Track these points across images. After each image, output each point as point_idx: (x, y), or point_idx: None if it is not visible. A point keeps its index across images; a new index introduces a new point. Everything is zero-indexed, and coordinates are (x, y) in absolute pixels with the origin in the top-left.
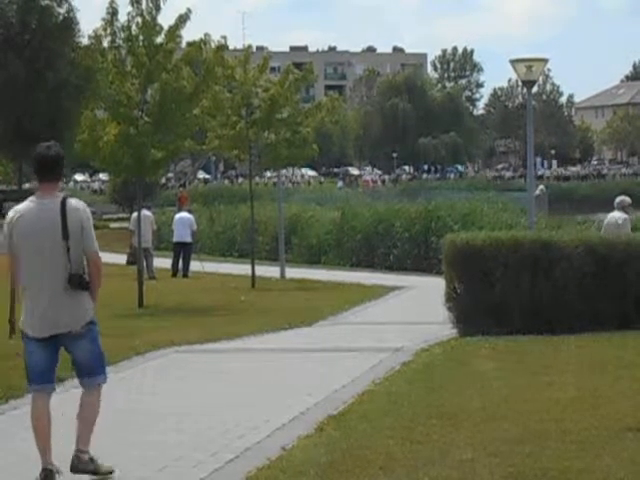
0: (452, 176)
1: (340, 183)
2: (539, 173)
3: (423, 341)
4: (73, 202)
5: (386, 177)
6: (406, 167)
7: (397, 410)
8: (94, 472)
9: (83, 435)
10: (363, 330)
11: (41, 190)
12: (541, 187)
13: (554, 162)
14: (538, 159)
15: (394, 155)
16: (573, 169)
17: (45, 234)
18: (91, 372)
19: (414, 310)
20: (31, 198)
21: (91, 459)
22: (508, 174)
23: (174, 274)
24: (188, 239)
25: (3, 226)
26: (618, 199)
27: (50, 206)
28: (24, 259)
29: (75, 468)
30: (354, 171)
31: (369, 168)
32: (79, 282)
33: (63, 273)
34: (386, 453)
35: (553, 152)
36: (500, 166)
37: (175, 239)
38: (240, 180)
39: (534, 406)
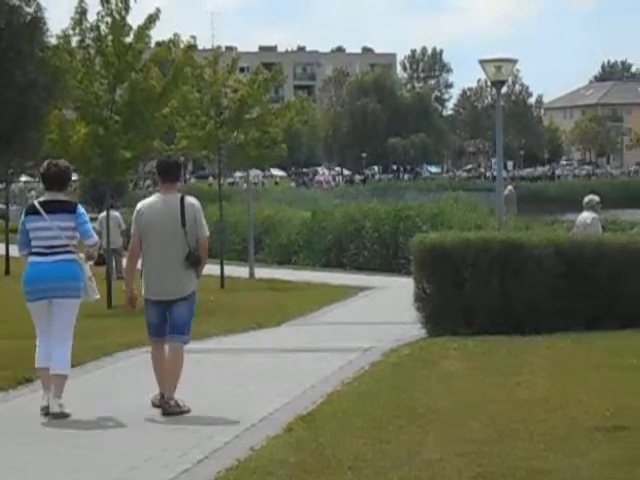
0: (406, 177)
1: (293, 184)
2: (495, 174)
3: (392, 341)
4: (189, 199)
5: (339, 178)
6: (375, 167)
7: (366, 410)
8: (180, 412)
9: (171, 383)
10: (332, 330)
11: (163, 189)
12: (510, 187)
13: (510, 163)
14: (495, 160)
15: (363, 155)
16: (528, 170)
17: (168, 222)
18: (180, 331)
19: (383, 310)
20: (156, 194)
21: (177, 403)
22: (464, 174)
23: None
24: None
25: (133, 214)
26: (586, 198)
27: (171, 201)
28: (150, 241)
29: (166, 412)
30: (324, 171)
31: (338, 168)
32: (194, 260)
33: (181, 252)
34: (355, 453)
35: (522, 153)
36: (469, 166)
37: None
38: (193, 180)
39: (503, 406)
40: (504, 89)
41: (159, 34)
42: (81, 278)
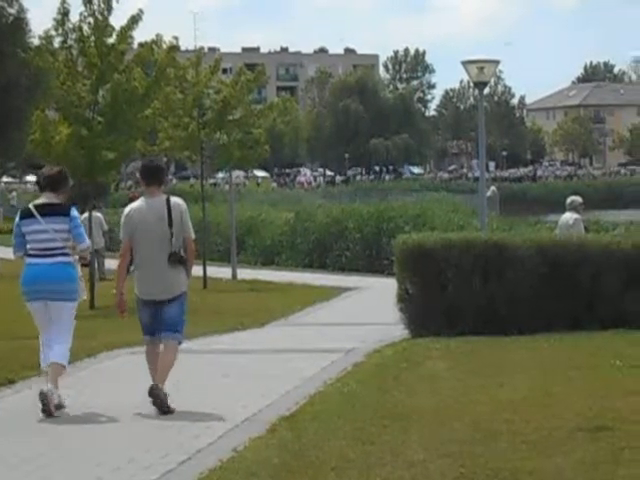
0: (388, 178)
1: (274, 184)
2: (476, 175)
3: (375, 342)
4: (175, 199)
5: (320, 178)
6: (358, 168)
7: (349, 411)
8: (163, 402)
9: (161, 376)
10: (315, 331)
11: (147, 192)
12: (493, 188)
13: (491, 164)
14: (475, 161)
15: (346, 156)
16: (510, 171)
17: (155, 224)
18: (173, 329)
19: (366, 311)
20: (141, 198)
21: (165, 394)
22: (446, 175)
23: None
24: None
25: (121, 218)
26: (569, 199)
27: (157, 203)
28: (139, 243)
29: (152, 391)
30: (306, 172)
31: (321, 169)
32: (178, 259)
33: (168, 253)
34: (338, 454)
35: (505, 154)
36: (452, 167)
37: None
38: (174, 182)
39: (486, 407)
40: (486, 90)
41: (141, 35)
42: (77, 281)
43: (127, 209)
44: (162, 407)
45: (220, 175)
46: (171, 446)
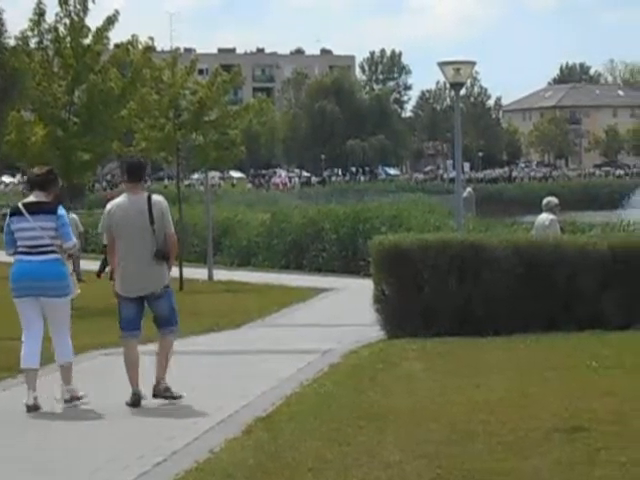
0: (363, 179)
1: (249, 185)
2: (451, 176)
3: (351, 343)
4: (156, 197)
5: (296, 180)
6: (334, 169)
7: (325, 412)
8: (170, 397)
9: (160, 370)
10: (291, 332)
11: (129, 189)
12: (469, 189)
13: (466, 165)
14: (449, 162)
15: (322, 157)
16: (486, 172)
17: (136, 221)
18: (167, 323)
19: (342, 312)
20: (123, 195)
21: (166, 388)
22: (421, 177)
23: (98, 274)
24: None
25: (103, 215)
26: (545, 200)
27: (138, 200)
28: (121, 239)
29: (156, 393)
30: (281, 173)
31: (297, 170)
32: (162, 255)
33: (150, 249)
34: (314, 455)
35: (480, 154)
36: (428, 168)
37: (105, 241)
38: (149, 183)
39: (462, 408)
40: (463, 91)
41: (117, 35)
42: (68, 277)
43: (109, 205)
44: (173, 399)
45: (195, 176)
46: (147, 447)
